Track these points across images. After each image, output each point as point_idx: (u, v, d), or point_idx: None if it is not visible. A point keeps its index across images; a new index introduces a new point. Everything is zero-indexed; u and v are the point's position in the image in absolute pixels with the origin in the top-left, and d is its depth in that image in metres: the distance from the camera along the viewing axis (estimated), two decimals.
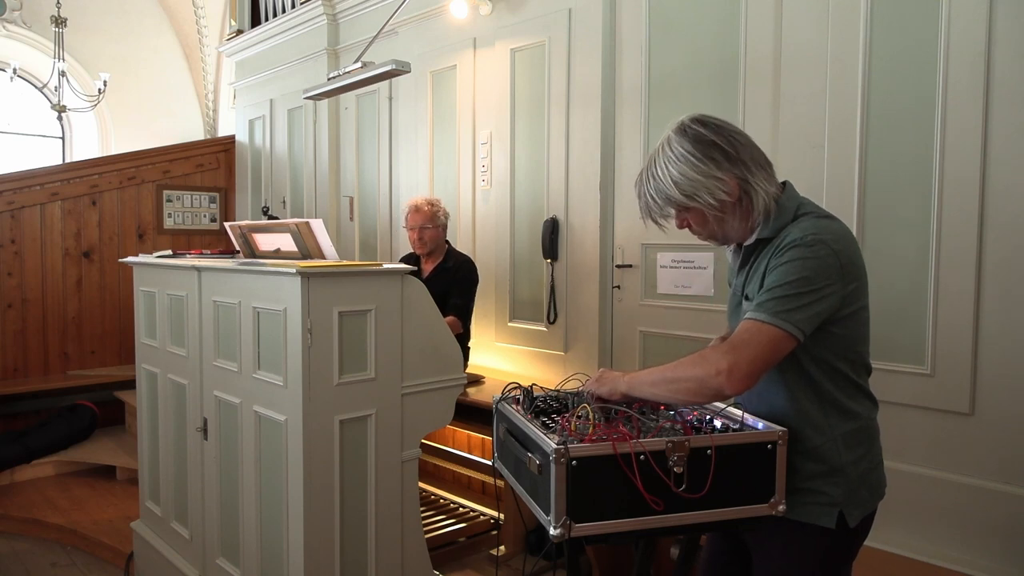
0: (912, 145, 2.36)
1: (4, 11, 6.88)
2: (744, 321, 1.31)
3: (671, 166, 1.36)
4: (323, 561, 2.03)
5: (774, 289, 1.29)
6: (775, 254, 1.33)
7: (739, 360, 1.25)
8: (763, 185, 1.37)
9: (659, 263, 3.15)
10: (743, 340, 1.27)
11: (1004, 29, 2.17)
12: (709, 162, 1.34)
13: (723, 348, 1.29)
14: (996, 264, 2.21)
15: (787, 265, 1.29)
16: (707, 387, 1.29)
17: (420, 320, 2.18)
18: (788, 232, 1.34)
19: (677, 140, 1.38)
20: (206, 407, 2.43)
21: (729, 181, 1.35)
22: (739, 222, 1.40)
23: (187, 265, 2.52)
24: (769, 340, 1.26)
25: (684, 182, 1.35)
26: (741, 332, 1.29)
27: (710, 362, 1.28)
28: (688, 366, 1.33)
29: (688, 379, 1.31)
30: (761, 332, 1.27)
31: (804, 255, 1.29)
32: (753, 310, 1.30)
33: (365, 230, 4.91)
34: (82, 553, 3.50)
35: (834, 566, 1.42)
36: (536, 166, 3.61)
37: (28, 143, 7.65)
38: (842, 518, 1.37)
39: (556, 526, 1.25)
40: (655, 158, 1.40)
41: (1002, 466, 2.21)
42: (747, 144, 1.39)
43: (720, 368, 1.26)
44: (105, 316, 5.29)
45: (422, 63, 4.12)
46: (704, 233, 1.44)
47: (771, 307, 1.27)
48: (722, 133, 1.37)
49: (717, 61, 2.91)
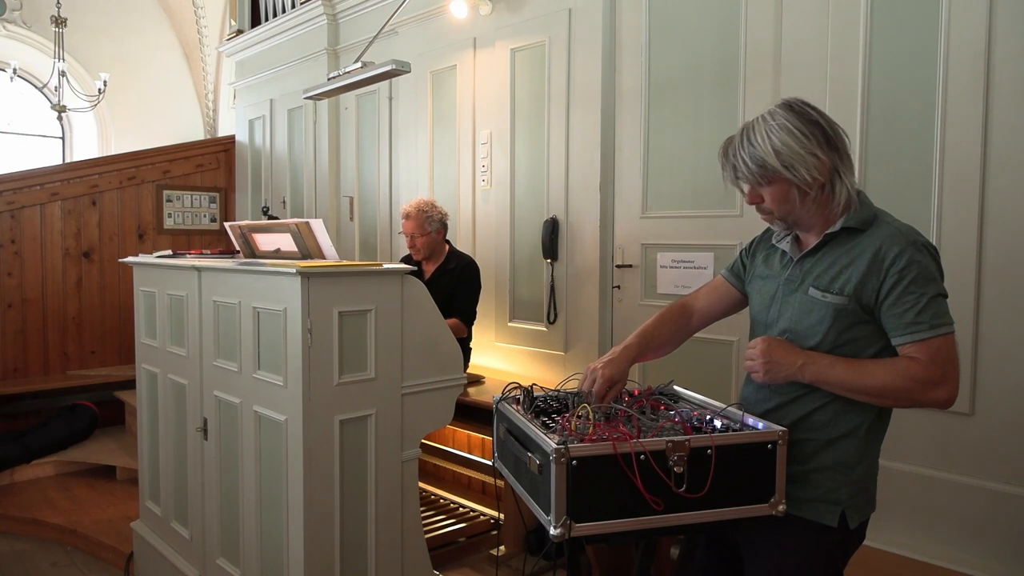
0: (912, 145, 2.36)
1: (4, 11, 6.88)
2: (935, 340, 1.32)
3: (773, 135, 1.36)
4: (323, 561, 2.02)
5: (930, 303, 1.33)
6: (893, 263, 1.34)
7: (952, 374, 1.33)
8: (848, 178, 1.40)
9: (659, 263, 3.15)
10: (941, 356, 1.32)
11: (1004, 29, 2.17)
12: (811, 139, 1.36)
13: (931, 369, 1.31)
14: (996, 264, 2.21)
15: (920, 279, 1.33)
16: (926, 402, 1.35)
17: (420, 320, 2.18)
18: (882, 233, 1.37)
19: (783, 113, 1.38)
20: (206, 407, 2.43)
21: (825, 162, 1.37)
22: (816, 207, 1.41)
23: (187, 265, 2.51)
24: (953, 344, 1.35)
25: (785, 151, 1.35)
26: (939, 349, 1.32)
27: (925, 383, 1.32)
28: (898, 386, 1.33)
29: (902, 399, 1.35)
30: (950, 343, 1.34)
31: (926, 261, 1.35)
32: (929, 328, 1.32)
33: (365, 230, 4.92)
34: (82, 553, 3.50)
35: (832, 566, 1.43)
36: (536, 166, 3.61)
37: (28, 143, 7.65)
38: (843, 519, 1.38)
39: (556, 526, 1.25)
40: (754, 125, 1.40)
41: (1002, 466, 2.21)
42: (843, 136, 1.41)
43: (943, 389, 1.32)
44: (105, 316, 5.29)
45: (422, 63, 4.12)
46: (778, 212, 1.43)
47: (940, 317, 1.33)
48: (825, 117, 1.40)
49: (717, 61, 2.91)
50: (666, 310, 1.66)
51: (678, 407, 1.51)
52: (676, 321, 1.64)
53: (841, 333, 1.38)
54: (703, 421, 1.43)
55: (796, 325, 1.42)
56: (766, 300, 1.51)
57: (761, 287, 1.54)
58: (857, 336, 1.38)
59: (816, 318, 1.39)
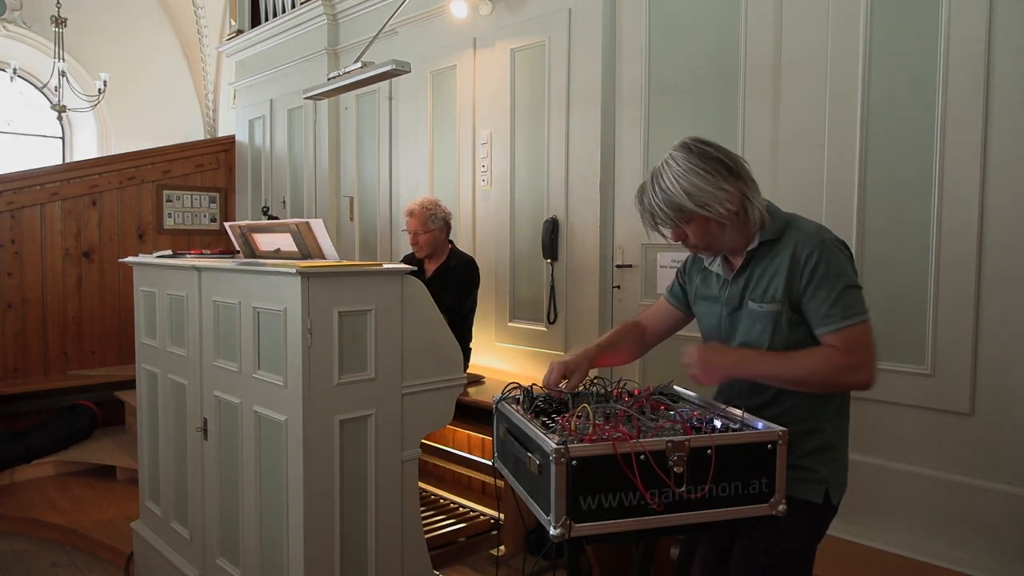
0: (912, 146, 2.36)
1: (4, 11, 6.88)
2: (849, 328, 1.43)
3: (680, 179, 1.47)
4: (323, 561, 2.03)
5: (841, 295, 1.44)
6: (803, 270, 1.47)
7: (866, 360, 1.44)
8: (758, 200, 1.52)
9: (659, 263, 3.15)
10: (857, 343, 1.43)
11: (1004, 29, 2.17)
12: (716, 175, 1.47)
13: (848, 355, 1.42)
14: (996, 264, 2.21)
15: (830, 274, 1.45)
16: (846, 386, 1.50)
17: (420, 320, 2.18)
18: (794, 238, 1.50)
19: (683, 156, 1.49)
20: (206, 407, 2.43)
21: (733, 193, 1.48)
22: (736, 232, 1.53)
23: (187, 265, 2.51)
24: (869, 330, 1.46)
25: (696, 192, 1.46)
26: (854, 337, 1.43)
27: (844, 369, 1.43)
28: (821, 372, 1.44)
29: (826, 384, 1.46)
30: (864, 330, 1.45)
31: (827, 257, 1.46)
32: (841, 318, 1.44)
33: (365, 230, 4.91)
34: (82, 553, 3.50)
35: (817, 538, 1.58)
36: (536, 166, 3.61)
37: (28, 143, 7.65)
38: (827, 496, 1.52)
39: (556, 526, 1.25)
40: (661, 172, 1.51)
41: (1002, 466, 2.21)
42: (742, 163, 1.53)
43: (860, 373, 1.44)
44: (105, 316, 5.29)
45: (422, 63, 4.12)
46: (701, 244, 1.55)
47: (852, 309, 1.44)
48: (722, 150, 1.51)
49: (717, 62, 2.91)
50: (622, 326, 1.80)
51: (678, 407, 1.51)
52: (629, 336, 1.78)
53: (786, 336, 1.50)
54: (703, 421, 1.43)
55: (748, 338, 1.55)
56: (714, 321, 1.64)
57: (707, 309, 1.67)
58: (803, 336, 1.50)
59: (760, 328, 1.52)
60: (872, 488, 2.42)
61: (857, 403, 2.46)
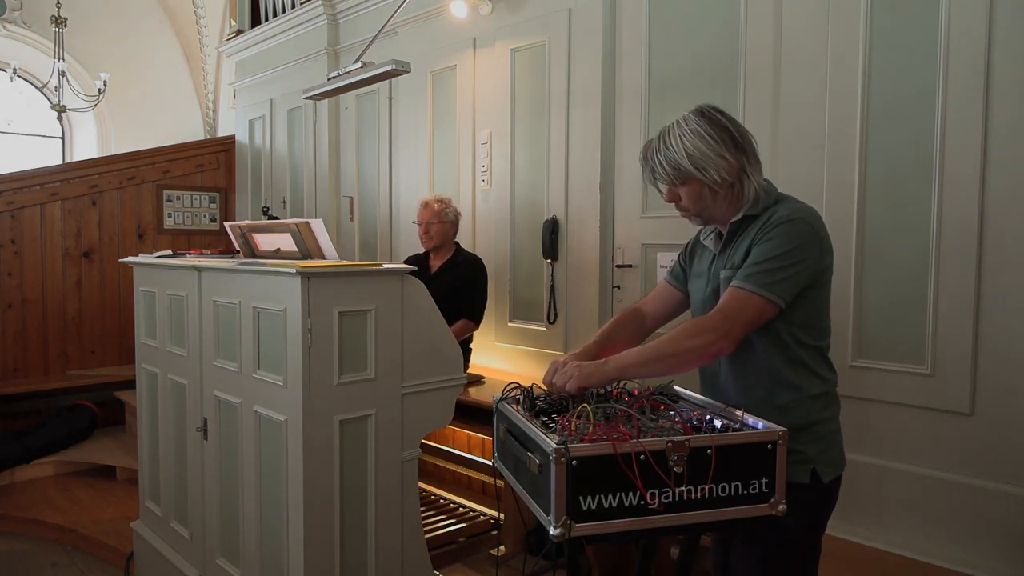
0: (912, 145, 2.36)
1: (4, 11, 6.88)
2: (732, 289, 1.45)
3: (686, 138, 1.50)
4: (323, 561, 2.03)
5: (761, 263, 1.44)
6: (761, 229, 1.48)
7: (734, 327, 1.43)
8: (756, 177, 1.53)
9: (659, 263, 3.15)
10: (734, 308, 1.44)
11: (1004, 29, 2.17)
12: (720, 143, 1.49)
13: (717, 316, 1.44)
14: (996, 264, 2.21)
15: (772, 241, 1.46)
16: (709, 353, 1.45)
17: (420, 320, 2.18)
18: (773, 211, 1.51)
19: (695, 119, 1.52)
20: (206, 407, 2.43)
21: (733, 164, 1.50)
22: (727, 204, 1.55)
23: (187, 265, 2.51)
24: (756, 308, 1.44)
25: (696, 154, 1.49)
26: (731, 300, 1.45)
27: (708, 330, 1.43)
28: (686, 338, 1.44)
29: (690, 350, 1.44)
30: (749, 301, 1.44)
31: (788, 231, 1.46)
32: (741, 280, 1.45)
33: (365, 230, 4.91)
34: (82, 553, 3.50)
35: (813, 519, 1.55)
36: (536, 166, 3.61)
37: (28, 143, 7.65)
38: (815, 475, 1.50)
39: (556, 526, 1.24)
40: (670, 129, 1.53)
41: (1002, 466, 2.20)
42: (750, 139, 1.55)
43: (719, 334, 1.42)
44: (105, 316, 5.29)
45: (422, 63, 4.12)
46: (693, 209, 1.57)
47: (758, 279, 1.44)
48: (734, 123, 1.53)
49: (717, 61, 2.91)
50: (621, 314, 1.78)
51: (678, 407, 1.51)
52: (629, 324, 1.76)
53: None
54: (703, 421, 1.43)
55: None
56: (700, 296, 1.65)
57: (696, 285, 1.68)
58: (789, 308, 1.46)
59: None
60: (872, 488, 2.42)
61: (857, 403, 2.48)
